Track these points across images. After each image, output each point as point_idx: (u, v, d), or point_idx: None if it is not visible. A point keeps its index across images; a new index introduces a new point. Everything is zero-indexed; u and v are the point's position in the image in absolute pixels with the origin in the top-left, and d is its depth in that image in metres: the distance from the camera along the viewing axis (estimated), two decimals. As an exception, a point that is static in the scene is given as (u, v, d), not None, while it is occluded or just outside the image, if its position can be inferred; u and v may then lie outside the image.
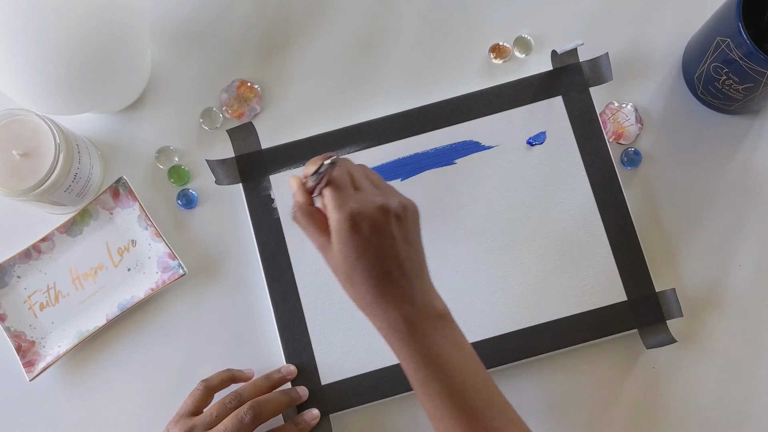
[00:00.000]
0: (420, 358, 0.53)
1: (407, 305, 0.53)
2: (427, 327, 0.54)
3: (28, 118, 0.65)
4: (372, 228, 0.53)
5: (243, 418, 0.62)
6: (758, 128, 0.72)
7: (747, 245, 0.71)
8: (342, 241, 0.53)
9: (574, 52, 0.71)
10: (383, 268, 0.53)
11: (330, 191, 0.54)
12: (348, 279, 0.54)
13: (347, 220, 0.53)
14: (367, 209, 0.53)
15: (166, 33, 0.75)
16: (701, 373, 0.69)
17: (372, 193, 0.55)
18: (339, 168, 0.55)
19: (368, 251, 0.53)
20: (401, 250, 0.54)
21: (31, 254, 0.70)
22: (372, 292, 0.54)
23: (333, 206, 0.54)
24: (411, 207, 0.56)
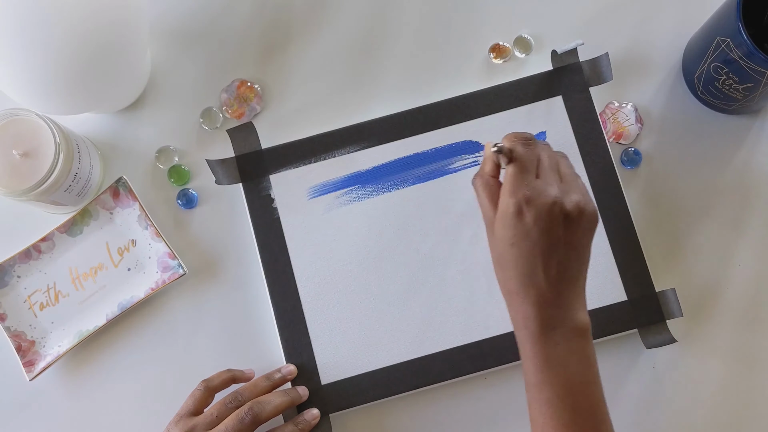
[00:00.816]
0: (541, 362, 0.52)
1: (546, 308, 0.52)
2: (560, 336, 0.52)
3: (28, 118, 0.65)
4: (536, 220, 0.52)
5: (243, 418, 0.62)
6: (758, 128, 0.72)
7: (747, 245, 0.71)
8: (503, 224, 0.53)
9: (574, 52, 0.71)
10: (533, 264, 0.52)
11: (511, 171, 0.53)
12: (498, 261, 0.54)
13: (514, 205, 0.52)
14: (537, 200, 0.52)
15: (166, 33, 0.75)
16: (701, 373, 0.69)
17: (551, 186, 0.53)
18: (529, 150, 0.54)
19: (524, 242, 0.52)
20: (559, 252, 0.52)
21: (31, 254, 0.70)
22: (515, 282, 0.53)
23: (507, 187, 0.53)
24: (588, 212, 0.54)
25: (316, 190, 0.70)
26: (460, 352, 0.67)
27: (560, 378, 0.52)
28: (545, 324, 0.52)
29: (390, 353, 0.68)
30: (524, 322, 0.53)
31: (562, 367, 0.52)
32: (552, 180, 0.54)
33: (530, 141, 0.54)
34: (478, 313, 0.68)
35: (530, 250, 0.52)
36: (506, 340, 0.67)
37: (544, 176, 0.54)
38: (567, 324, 0.53)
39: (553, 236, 0.52)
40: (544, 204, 0.52)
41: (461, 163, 0.70)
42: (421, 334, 0.68)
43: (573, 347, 0.53)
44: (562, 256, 0.53)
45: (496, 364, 0.67)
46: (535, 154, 0.54)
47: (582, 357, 0.53)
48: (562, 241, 0.52)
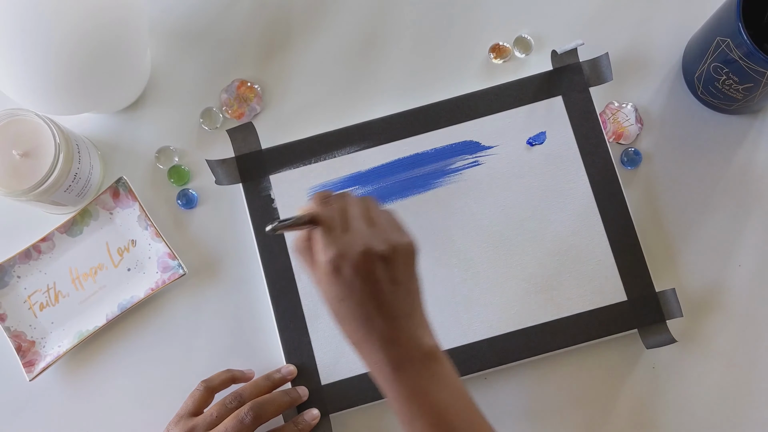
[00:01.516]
0: (405, 398, 0.53)
1: (391, 346, 0.53)
2: (413, 367, 0.53)
3: (28, 118, 0.65)
4: (354, 271, 0.52)
5: (244, 419, 0.62)
6: (758, 128, 0.72)
7: (747, 245, 0.71)
8: (327, 284, 0.53)
9: (574, 52, 0.71)
10: (365, 311, 0.53)
11: (318, 233, 0.54)
12: (336, 318, 0.55)
13: (329, 264, 0.53)
14: (350, 252, 0.53)
15: (166, 33, 0.75)
16: (701, 373, 0.69)
17: (360, 235, 0.54)
18: (330, 207, 0.55)
19: (351, 294, 0.53)
20: (387, 292, 0.53)
21: (31, 254, 0.70)
22: (357, 333, 0.54)
23: (318, 248, 0.54)
24: (402, 246, 0.55)
25: (316, 190, 0.70)
26: (460, 352, 0.67)
27: (427, 407, 0.53)
28: (396, 361, 0.53)
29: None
30: (378, 367, 0.54)
31: (425, 396, 0.53)
32: (359, 229, 0.54)
33: (328, 198, 0.55)
34: (478, 314, 0.68)
35: (359, 300, 0.53)
36: (506, 340, 0.67)
37: (350, 228, 0.54)
38: (416, 354, 0.53)
39: (375, 281, 0.53)
40: (356, 254, 0.53)
41: (461, 163, 0.70)
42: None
43: (429, 374, 0.54)
44: (391, 296, 0.53)
45: (496, 364, 0.67)
46: (338, 209, 0.55)
47: (440, 380, 0.54)
48: (385, 282, 0.53)
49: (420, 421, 0.53)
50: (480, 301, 0.68)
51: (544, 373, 0.69)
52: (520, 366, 0.68)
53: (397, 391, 0.53)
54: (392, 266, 0.54)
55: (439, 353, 0.55)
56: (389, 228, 0.56)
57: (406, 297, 0.54)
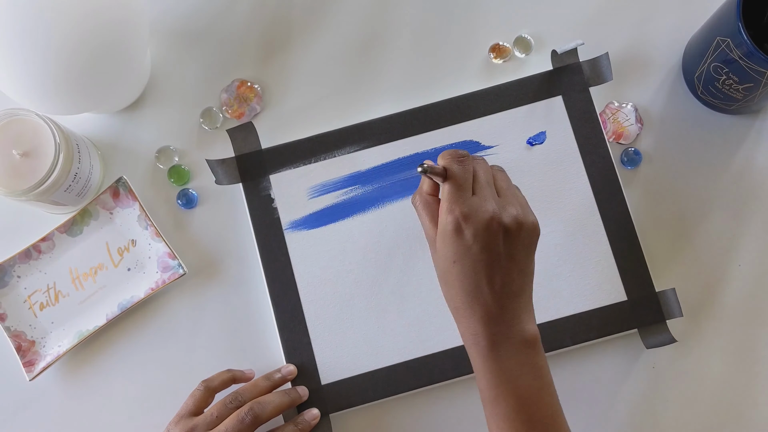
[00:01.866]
0: (494, 378, 0.53)
1: (493, 322, 0.53)
2: (509, 349, 0.53)
3: (28, 118, 0.65)
4: (475, 236, 0.52)
5: (244, 419, 0.62)
6: (758, 128, 0.72)
7: (747, 245, 0.71)
8: (444, 241, 0.53)
9: (574, 52, 0.71)
10: (476, 280, 0.52)
11: (447, 189, 0.53)
12: (443, 278, 0.54)
13: (452, 222, 0.52)
14: (475, 216, 0.52)
15: (166, 32, 0.75)
16: (701, 373, 0.69)
17: (488, 202, 0.53)
18: (463, 167, 0.54)
19: (465, 259, 0.52)
20: (501, 266, 0.53)
21: (31, 254, 0.70)
22: (461, 299, 0.53)
23: (444, 205, 0.53)
24: (528, 225, 0.54)
25: (316, 190, 0.70)
26: (460, 351, 0.67)
27: (513, 392, 0.53)
28: (494, 339, 0.53)
29: (390, 353, 0.68)
30: (473, 339, 0.53)
31: (514, 381, 0.53)
32: (488, 195, 0.54)
33: (464, 158, 0.55)
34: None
35: (472, 266, 0.53)
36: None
37: (480, 192, 0.54)
38: (515, 337, 0.53)
39: (493, 251, 0.52)
40: (482, 220, 0.52)
41: (461, 163, 0.70)
42: (421, 334, 0.68)
43: (523, 360, 0.53)
44: (505, 271, 0.53)
45: (496, 364, 0.67)
46: (470, 171, 0.55)
47: (533, 368, 0.54)
48: (503, 256, 0.53)
49: (504, 404, 0.53)
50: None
51: (544, 373, 0.69)
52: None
53: (488, 369, 0.53)
54: (513, 242, 0.53)
55: (538, 343, 0.54)
56: (517, 203, 0.55)
57: (518, 276, 0.54)
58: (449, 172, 0.54)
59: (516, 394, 0.53)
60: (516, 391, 0.53)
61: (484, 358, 0.53)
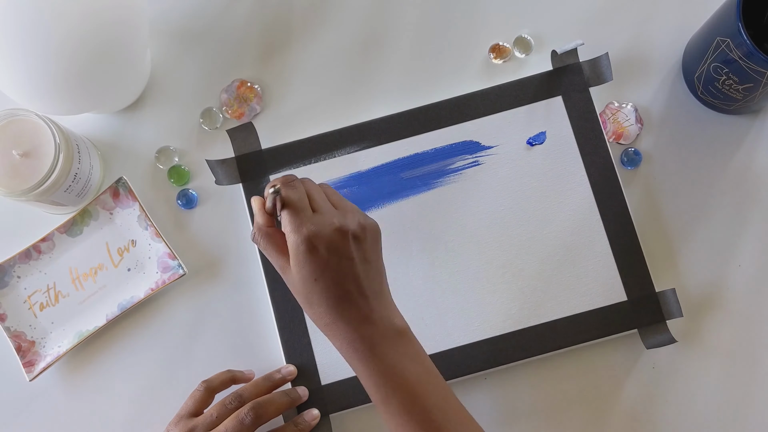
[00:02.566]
0: (380, 377, 0.54)
1: (366, 325, 0.54)
2: (387, 345, 0.54)
3: (28, 118, 0.65)
4: (329, 249, 0.53)
5: (244, 419, 0.62)
6: (758, 128, 0.72)
7: (747, 245, 0.71)
8: (300, 264, 0.54)
9: (574, 52, 0.71)
10: (341, 289, 0.54)
11: (287, 213, 0.54)
12: (307, 300, 0.55)
13: (304, 242, 0.53)
14: (324, 231, 0.53)
15: (166, 33, 0.75)
16: (701, 373, 0.69)
17: (330, 215, 0.55)
18: (296, 190, 0.55)
19: (326, 273, 0.54)
20: (360, 271, 0.54)
21: (31, 254, 0.70)
22: (331, 313, 0.54)
23: (290, 228, 0.54)
24: (370, 227, 0.56)
25: (316, 190, 0.70)
26: (460, 352, 0.67)
27: (401, 384, 0.54)
28: (371, 340, 0.54)
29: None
30: (352, 346, 0.54)
31: (399, 374, 0.54)
32: (328, 209, 0.55)
33: (293, 181, 0.56)
34: (478, 314, 0.68)
35: (335, 278, 0.54)
36: (506, 340, 0.67)
37: (319, 208, 0.55)
38: (389, 332, 0.54)
39: (348, 258, 0.54)
40: (331, 232, 0.54)
41: (461, 163, 0.70)
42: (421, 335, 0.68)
43: (401, 351, 0.54)
44: (363, 274, 0.54)
45: (496, 364, 0.67)
46: (303, 191, 0.56)
47: (413, 357, 0.55)
48: (357, 260, 0.54)
49: (395, 398, 0.53)
50: (480, 301, 0.68)
51: (544, 373, 0.69)
52: (520, 366, 0.68)
53: (372, 370, 0.54)
54: (363, 245, 0.55)
55: (409, 332, 0.56)
56: (354, 210, 0.57)
57: (375, 276, 0.56)
58: (285, 198, 0.55)
59: (404, 385, 0.53)
60: (404, 383, 0.54)
61: (366, 361, 0.54)
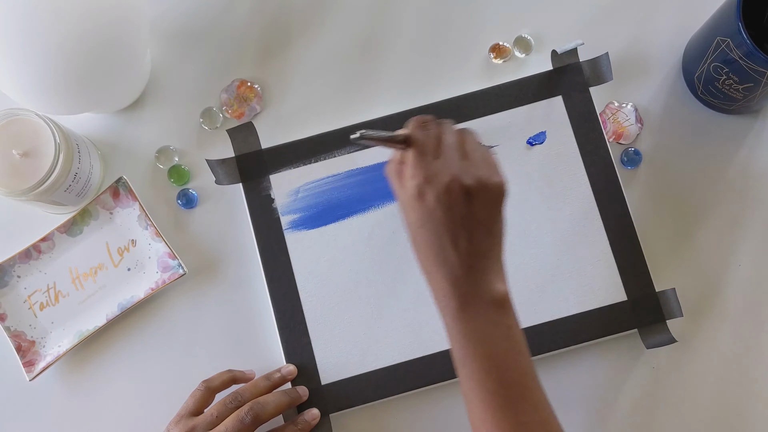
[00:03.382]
0: (463, 338, 0.53)
1: (460, 283, 0.53)
2: (479, 310, 0.53)
3: (28, 118, 0.65)
4: (437, 200, 0.52)
5: (244, 419, 0.62)
6: (758, 128, 0.72)
7: (747, 245, 0.71)
8: (408, 208, 0.54)
9: (574, 51, 0.71)
10: (441, 243, 0.53)
11: (410, 155, 0.54)
12: (413, 243, 0.54)
13: (415, 188, 0.53)
14: (437, 180, 0.52)
15: (166, 32, 0.75)
16: (701, 373, 0.69)
17: (450, 164, 0.53)
18: (425, 132, 0.54)
19: (430, 222, 0.53)
20: (465, 228, 0.53)
21: (31, 254, 0.70)
22: (430, 262, 0.53)
23: (408, 171, 0.54)
24: (492, 185, 0.54)
25: (316, 190, 0.70)
26: (460, 352, 0.67)
27: (482, 351, 0.53)
28: (463, 299, 0.53)
29: (390, 353, 0.68)
30: (444, 300, 0.54)
31: (483, 341, 0.53)
32: (451, 158, 0.54)
33: (427, 123, 0.55)
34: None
35: (436, 229, 0.53)
36: (506, 340, 0.67)
37: (443, 155, 0.54)
38: (484, 297, 0.53)
39: (456, 213, 0.53)
40: (442, 183, 0.52)
41: (461, 163, 0.70)
42: (421, 334, 0.68)
43: (492, 320, 0.53)
44: (469, 232, 0.53)
45: (496, 364, 0.67)
46: (433, 135, 0.55)
47: (503, 329, 0.53)
48: (467, 217, 0.53)
49: (473, 365, 0.53)
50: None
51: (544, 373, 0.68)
52: (520, 366, 0.68)
53: (457, 329, 0.53)
54: (476, 203, 0.53)
55: (508, 303, 0.54)
56: (482, 164, 0.55)
57: (485, 237, 0.54)
58: (411, 138, 0.54)
59: (485, 354, 0.53)
60: (485, 352, 0.53)
61: (454, 319, 0.53)
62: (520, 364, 0.54)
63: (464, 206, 0.53)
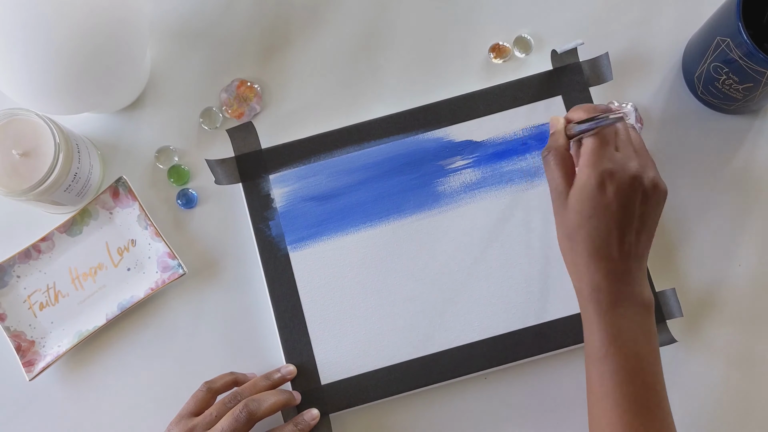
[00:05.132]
0: (608, 336, 0.53)
1: (617, 280, 0.53)
2: (628, 310, 0.53)
3: (28, 118, 0.65)
4: (617, 193, 0.52)
5: (239, 416, 0.61)
6: (758, 128, 0.72)
7: (747, 245, 0.71)
8: (582, 196, 0.53)
9: (574, 51, 0.71)
10: (608, 237, 0.53)
11: (592, 144, 0.54)
12: (570, 233, 0.54)
13: (596, 177, 0.53)
14: (620, 173, 0.53)
15: (166, 32, 0.75)
16: (701, 373, 0.69)
17: (632, 160, 0.54)
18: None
19: (603, 214, 0.53)
20: (633, 227, 0.53)
21: (30, 254, 0.70)
22: (588, 254, 0.53)
23: (589, 160, 0.53)
24: (661, 188, 0.55)
25: (316, 189, 0.70)
26: (460, 352, 0.67)
27: (626, 351, 0.53)
28: (616, 296, 0.53)
29: (390, 353, 0.68)
30: (594, 295, 0.53)
31: (629, 341, 0.53)
32: (631, 153, 0.54)
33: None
34: (479, 314, 0.68)
35: (607, 223, 0.53)
36: (506, 340, 0.67)
37: (623, 149, 0.54)
38: (635, 299, 0.53)
39: (630, 211, 0.53)
40: (626, 178, 0.53)
41: (461, 162, 0.70)
42: (421, 334, 0.68)
43: (639, 322, 0.53)
44: (635, 231, 0.53)
45: (496, 363, 0.67)
46: (614, 127, 0.55)
47: (647, 333, 0.54)
48: (636, 216, 0.53)
49: (614, 362, 0.53)
50: (481, 300, 0.68)
51: (544, 373, 0.69)
52: (521, 366, 0.68)
53: (604, 325, 0.53)
54: (647, 203, 0.54)
55: (653, 309, 0.55)
56: (652, 165, 0.56)
57: (645, 239, 0.54)
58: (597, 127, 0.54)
59: (627, 354, 0.53)
60: (628, 352, 0.53)
61: (602, 314, 0.53)
62: (655, 372, 0.54)
63: (638, 205, 0.53)
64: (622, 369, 0.53)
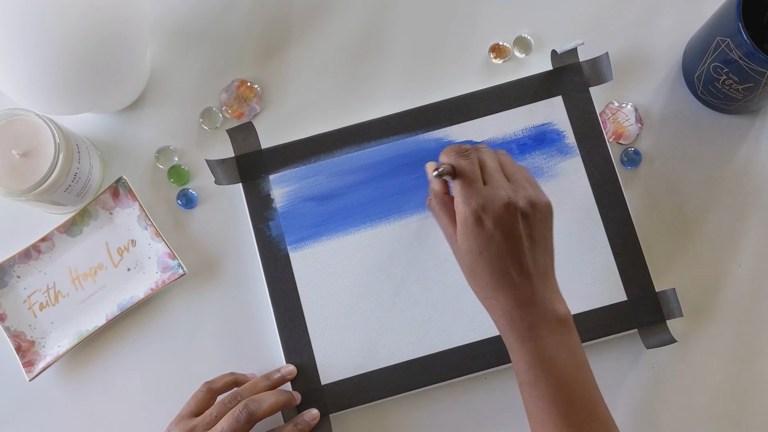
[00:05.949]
0: (532, 360, 0.53)
1: (527, 306, 0.54)
2: (545, 329, 0.54)
3: (28, 118, 0.65)
4: (496, 224, 0.53)
5: (239, 417, 0.61)
6: (758, 128, 0.72)
7: (747, 245, 0.71)
8: (466, 235, 0.54)
9: (574, 51, 0.71)
10: (504, 266, 0.53)
11: (458, 184, 0.54)
12: (470, 272, 0.55)
13: (472, 215, 0.53)
14: (492, 205, 0.53)
15: (166, 32, 0.75)
16: (701, 373, 0.69)
17: (501, 188, 0.54)
18: (469, 160, 0.55)
19: (491, 247, 0.53)
20: (525, 249, 0.54)
21: (30, 254, 0.70)
22: (492, 288, 0.54)
23: (459, 200, 0.54)
24: (541, 205, 0.55)
25: (316, 189, 0.70)
26: (460, 352, 0.67)
27: (551, 371, 0.53)
28: (530, 320, 0.54)
29: (390, 353, 0.68)
30: (509, 324, 0.54)
31: (552, 361, 0.53)
32: (499, 182, 0.55)
33: (468, 151, 0.56)
34: (479, 314, 0.68)
35: (498, 253, 0.54)
36: (506, 340, 0.67)
37: (491, 181, 0.55)
38: (549, 317, 0.54)
39: (515, 235, 0.54)
40: (499, 207, 0.54)
41: (461, 163, 0.70)
42: (421, 334, 0.68)
43: (559, 339, 0.54)
44: (529, 252, 0.54)
45: (496, 364, 0.67)
46: (476, 162, 0.56)
47: (569, 348, 0.54)
48: (524, 238, 0.54)
49: (544, 385, 0.53)
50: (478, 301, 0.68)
51: (544, 373, 0.69)
52: (520, 366, 0.68)
53: (526, 351, 0.54)
54: (531, 223, 0.54)
55: (571, 321, 0.55)
56: (528, 185, 0.56)
57: (541, 256, 0.55)
58: (457, 168, 0.55)
59: (555, 374, 0.53)
60: (554, 371, 0.53)
61: (522, 340, 0.53)
62: (587, 382, 0.55)
63: (521, 227, 0.54)
64: (553, 389, 0.53)
